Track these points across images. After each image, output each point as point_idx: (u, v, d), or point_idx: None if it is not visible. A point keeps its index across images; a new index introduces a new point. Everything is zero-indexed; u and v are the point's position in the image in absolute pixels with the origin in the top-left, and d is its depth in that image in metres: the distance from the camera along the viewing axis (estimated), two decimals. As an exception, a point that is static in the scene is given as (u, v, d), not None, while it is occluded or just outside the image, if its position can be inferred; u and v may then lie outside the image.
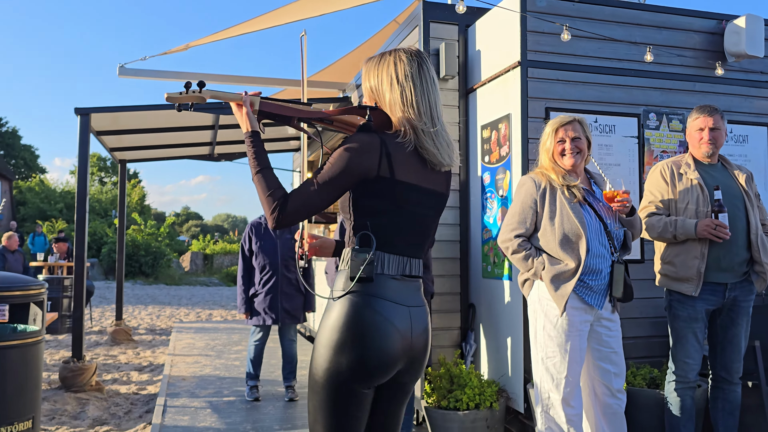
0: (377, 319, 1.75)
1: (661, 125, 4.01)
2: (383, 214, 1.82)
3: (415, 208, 1.85)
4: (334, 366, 1.74)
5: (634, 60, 3.98)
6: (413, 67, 1.88)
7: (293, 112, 1.91)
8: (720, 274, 3.11)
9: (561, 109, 3.73)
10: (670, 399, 3.17)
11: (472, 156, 4.37)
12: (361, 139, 1.78)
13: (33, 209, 28.98)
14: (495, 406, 3.60)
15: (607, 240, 2.88)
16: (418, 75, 1.89)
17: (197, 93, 1.85)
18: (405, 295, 1.84)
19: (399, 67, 1.87)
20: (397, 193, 1.80)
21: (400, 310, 1.80)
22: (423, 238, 1.93)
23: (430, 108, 1.86)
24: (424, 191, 1.87)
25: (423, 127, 1.82)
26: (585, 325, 2.87)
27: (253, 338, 4.99)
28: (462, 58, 4.43)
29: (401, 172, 1.80)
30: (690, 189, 3.17)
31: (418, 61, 1.91)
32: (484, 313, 4.16)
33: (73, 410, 5.05)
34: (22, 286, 3.12)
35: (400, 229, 1.84)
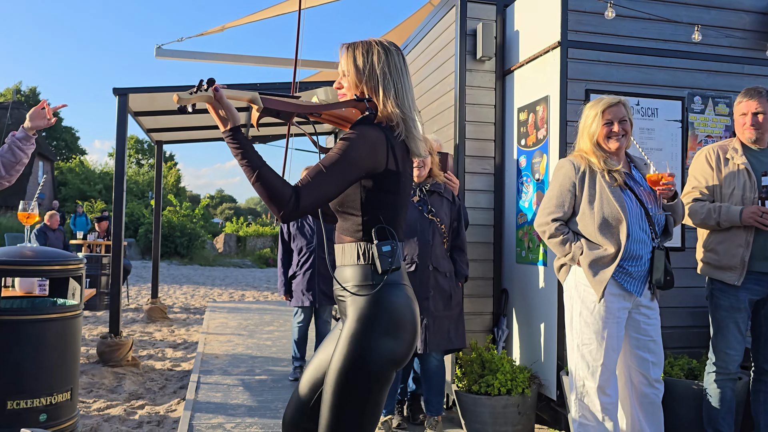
0: (410, 304, 1.83)
1: (707, 109, 3.87)
2: (394, 207, 1.86)
3: (406, 196, 1.92)
4: (384, 355, 1.74)
5: (680, 41, 3.84)
6: (400, 60, 1.92)
7: (293, 107, 1.85)
8: (765, 263, 3.00)
9: (602, 91, 3.61)
10: (709, 391, 3.09)
11: (507, 139, 4.30)
12: (370, 133, 1.78)
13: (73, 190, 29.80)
14: (527, 392, 3.56)
15: (647, 225, 2.80)
16: (403, 67, 1.93)
17: (206, 92, 1.69)
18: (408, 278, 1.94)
19: (390, 61, 1.88)
20: (402, 185, 1.87)
21: (411, 291, 1.90)
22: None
23: (412, 101, 1.93)
24: (411, 180, 1.96)
25: (409, 120, 1.87)
26: (623, 312, 2.80)
27: (296, 320, 5.06)
28: (500, 38, 4.34)
29: (402, 165, 1.86)
30: (736, 174, 3.06)
31: (402, 54, 1.95)
32: (517, 298, 4.11)
33: (110, 384, 5.18)
34: (61, 261, 3.18)
35: (401, 218, 1.91)
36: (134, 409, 4.44)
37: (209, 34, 6.35)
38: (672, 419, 3.11)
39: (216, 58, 6.34)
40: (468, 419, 3.69)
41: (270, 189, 1.64)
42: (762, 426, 3.13)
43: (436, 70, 4.79)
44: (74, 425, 3.20)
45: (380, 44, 1.91)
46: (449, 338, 3.53)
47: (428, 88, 4.99)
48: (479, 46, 4.23)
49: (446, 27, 4.57)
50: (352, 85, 1.89)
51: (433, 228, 3.55)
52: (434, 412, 3.59)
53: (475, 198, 4.28)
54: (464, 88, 4.27)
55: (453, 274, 3.62)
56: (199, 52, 6.43)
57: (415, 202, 3.57)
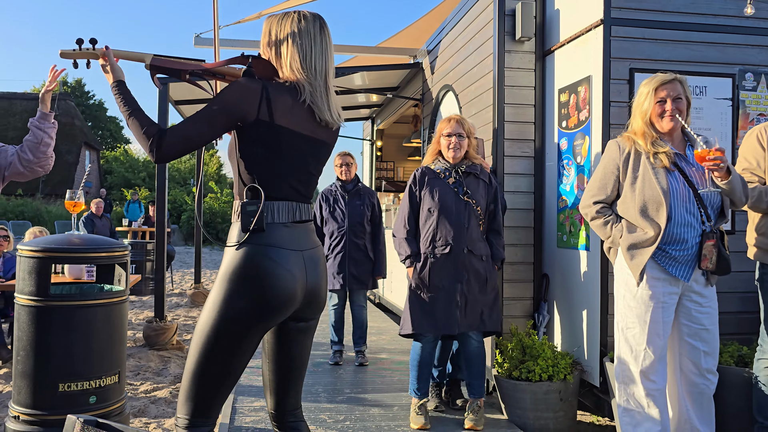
0: (270, 265, 1.82)
1: (759, 86, 3.71)
2: (267, 161, 1.88)
3: (295, 153, 1.91)
4: (232, 314, 1.80)
5: (730, 15, 3.68)
6: (315, 28, 1.97)
7: (181, 66, 2.00)
8: (822, 246, 2.88)
9: (647, 70, 3.50)
10: (760, 378, 2.99)
11: (548, 121, 4.21)
12: (242, 83, 1.84)
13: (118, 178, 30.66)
14: (569, 379, 3.52)
15: (697, 208, 2.71)
16: (319, 35, 1.98)
17: (91, 50, 2.00)
18: (297, 240, 1.92)
19: (302, 25, 1.95)
20: (277, 137, 1.86)
21: (292, 255, 1.88)
22: (308, 185, 2.00)
23: (326, 69, 1.97)
24: (306, 139, 1.93)
25: (317, 84, 1.92)
26: (671, 297, 2.73)
27: (331, 303, 5.11)
28: (539, 18, 4.24)
29: (282, 118, 1.85)
30: (791, 154, 2.93)
31: (320, 22, 2.00)
32: (558, 283, 4.05)
33: (156, 367, 5.32)
34: (108, 248, 3.23)
35: (285, 176, 1.91)
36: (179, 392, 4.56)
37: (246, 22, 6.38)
38: (721, 407, 3.03)
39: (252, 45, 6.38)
40: (508, 405, 3.67)
41: (138, 129, 1.82)
42: (817, 415, 3.02)
43: (474, 53, 4.71)
44: (122, 407, 3.27)
45: (297, 13, 1.98)
46: (482, 321, 3.50)
47: (466, 71, 4.92)
48: (518, 27, 4.14)
49: (484, 8, 4.49)
50: (263, 50, 2.00)
51: (468, 210, 3.51)
52: (476, 395, 3.58)
53: (514, 182, 4.22)
54: (503, 70, 4.20)
55: (489, 258, 3.58)
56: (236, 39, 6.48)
57: (451, 183, 3.54)
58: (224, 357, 1.84)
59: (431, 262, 3.50)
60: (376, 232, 5.08)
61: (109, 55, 1.97)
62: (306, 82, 1.91)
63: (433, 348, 3.59)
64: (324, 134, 2.00)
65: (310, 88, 1.92)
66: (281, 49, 1.95)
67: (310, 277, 1.94)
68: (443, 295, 3.46)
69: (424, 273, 3.50)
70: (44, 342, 3.00)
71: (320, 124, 1.97)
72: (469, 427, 3.49)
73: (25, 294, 3.03)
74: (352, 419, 3.69)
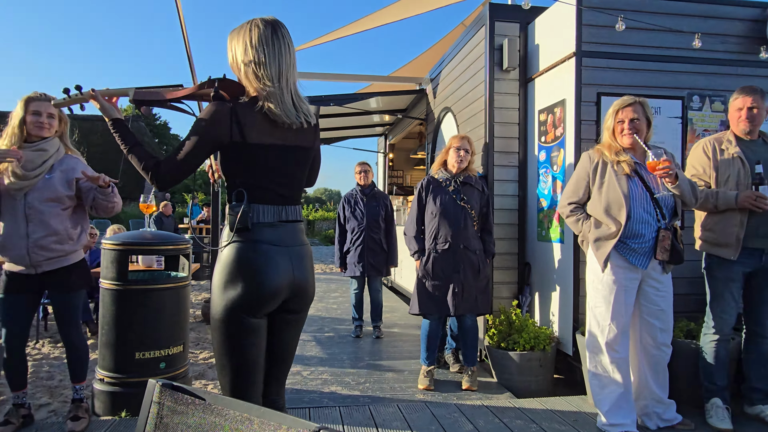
0: (256, 258, 1.68)
1: (704, 106, 3.67)
2: (247, 173, 1.71)
3: (275, 163, 1.72)
4: (226, 302, 1.67)
5: (681, 48, 3.65)
6: (267, 32, 1.69)
7: (160, 96, 1.80)
8: (758, 240, 2.87)
9: (612, 94, 3.49)
10: (705, 349, 2.98)
11: (530, 136, 4.20)
12: (212, 111, 1.66)
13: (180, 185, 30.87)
14: (547, 349, 3.53)
15: (653, 208, 2.71)
16: (270, 39, 1.69)
17: (79, 95, 1.83)
18: (283, 237, 1.74)
19: (253, 34, 1.68)
20: (252, 154, 1.69)
21: (278, 250, 1.72)
22: (292, 188, 1.79)
23: (279, 70, 1.69)
24: (280, 148, 1.72)
25: (270, 89, 1.67)
26: (632, 282, 2.74)
27: (352, 288, 5.14)
28: (522, 51, 4.23)
29: (254, 135, 1.67)
30: (731, 162, 2.92)
31: (273, 25, 1.71)
32: (537, 270, 4.05)
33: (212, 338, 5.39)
34: (173, 242, 3.28)
35: (267, 183, 1.73)
36: (231, 358, 4.62)
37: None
38: (674, 373, 3.02)
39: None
40: (497, 370, 3.69)
41: (137, 163, 1.69)
42: (752, 378, 3.01)
43: (469, 80, 4.72)
44: (186, 371, 3.32)
45: (250, 23, 1.71)
46: (476, 304, 3.52)
47: (462, 95, 4.92)
48: (505, 59, 4.14)
49: (477, 43, 4.49)
50: (231, 68, 1.77)
51: (464, 213, 3.53)
52: (470, 363, 3.60)
53: (502, 187, 4.22)
54: (493, 95, 4.20)
55: (482, 252, 3.60)
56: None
57: (451, 191, 3.56)
58: (231, 342, 1.69)
59: (434, 256, 3.52)
60: (389, 228, 5.11)
61: (97, 97, 1.79)
62: (262, 92, 1.67)
63: (438, 324, 3.62)
64: (296, 138, 1.76)
65: (265, 96, 1.67)
66: (240, 64, 1.70)
67: (296, 271, 1.75)
68: (444, 283, 3.49)
69: (428, 265, 3.53)
70: (123, 318, 3.05)
71: (291, 128, 1.73)
72: (465, 387, 3.52)
73: (108, 279, 3.09)
74: (370, 381, 3.72)
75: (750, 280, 2.97)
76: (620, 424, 2.74)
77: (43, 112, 2.72)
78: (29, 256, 2.67)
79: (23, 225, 2.67)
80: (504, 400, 3.33)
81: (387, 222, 5.09)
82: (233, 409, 1.03)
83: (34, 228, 2.68)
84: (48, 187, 2.72)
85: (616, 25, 3.47)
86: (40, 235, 2.68)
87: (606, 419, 2.77)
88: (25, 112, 2.70)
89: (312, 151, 1.84)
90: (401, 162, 10.39)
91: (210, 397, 1.07)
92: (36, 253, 2.68)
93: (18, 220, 2.67)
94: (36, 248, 2.68)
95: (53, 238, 2.72)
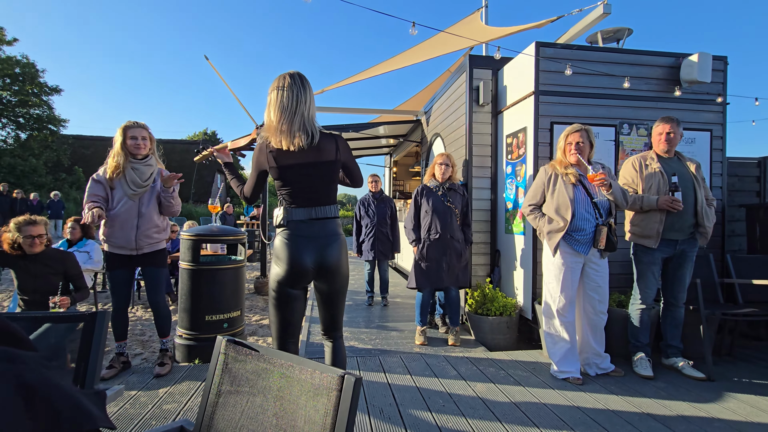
0: (290, 246, 1.75)
1: (632, 132, 3.63)
2: (284, 187, 1.77)
3: (299, 178, 1.75)
4: (273, 277, 1.79)
5: (614, 87, 3.61)
6: (282, 82, 1.72)
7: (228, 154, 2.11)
8: (673, 233, 2.83)
9: (562, 123, 3.46)
10: (633, 315, 2.96)
11: (500, 155, 4.18)
12: (256, 147, 1.81)
13: (237, 190, 30.96)
14: (513, 315, 3.51)
15: (593, 208, 2.69)
16: (284, 86, 1.70)
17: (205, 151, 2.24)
18: (314, 230, 1.76)
19: (274, 87, 1.73)
20: (284, 173, 1.75)
21: (309, 240, 1.75)
22: (318, 193, 1.78)
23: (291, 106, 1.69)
24: (301, 166, 1.73)
25: (281, 125, 1.69)
26: (576, 264, 2.72)
27: (366, 269, 5.13)
28: (494, 91, 4.20)
29: (282, 160, 1.73)
30: (653, 175, 2.89)
31: (291, 77, 1.72)
32: (505, 255, 4.02)
33: (262, 306, 5.40)
34: (233, 234, 3.29)
35: (299, 192, 1.77)
36: (275, 320, 4.62)
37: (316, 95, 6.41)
38: (609, 334, 3.00)
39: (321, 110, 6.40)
40: (475, 330, 3.67)
41: (236, 186, 1.92)
42: (668, 337, 2.99)
43: (454, 112, 4.70)
44: (243, 330, 3.32)
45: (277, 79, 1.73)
46: (458, 279, 3.51)
47: (449, 124, 4.90)
48: (481, 96, 4.11)
49: (459, 85, 4.47)
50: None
51: (450, 212, 3.51)
52: (454, 324, 3.59)
53: (479, 192, 4.20)
54: (472, 124, 4.18)
55: (464, 241, 3.58)
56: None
57: (439, 195, 3.54)
58: (277, 304, 1.79)
59: (427, 244, 3.51)
60: (394, 224, 5.10)
61: (215, 152, 2.09)
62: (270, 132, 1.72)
63: (429, 295, 3.60)
64: (313, 155, 1.74)
65: (272, 135, 1.71)
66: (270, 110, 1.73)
67: (322, 257, 1.76)
68: (434, 264, 3.47)
69: (423, 250, 3.52)
70: (196, 290, 3.07)
71: (305, 149, 1.72)
72: (451, 343, 3.50)
73: (185, 261, 3.11)
74: (380, 338, 3.72)
75: (667, 263, 2.94)
76: (568, 371, 2.73)
77: (138, 136, 2.74)
78: (136, 242, 2.71)
79: (135, 220, 2.70)
80: (480, 352, 3.32)
81: (392, 219, 5.09)
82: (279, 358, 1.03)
83: (143, 222, 2.72)
84: (153, 191, 2.76)
85: (565, 71, 3.44)
86: (146, 227, 2.73)
87: (557, 367, 2.76)
88: (124, 137, 2.73)
89: (337, 163, 1.81)
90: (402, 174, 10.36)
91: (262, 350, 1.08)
92: (141, 239, 2.72)
93: (132, 217, 2.70)
94: (143, 236, 2.72)
95: (154, 229, 2.77)
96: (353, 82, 6.33)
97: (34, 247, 2.73)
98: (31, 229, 2.73)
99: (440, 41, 5.74)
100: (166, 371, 2.78)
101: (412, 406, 2.34)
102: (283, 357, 1.03)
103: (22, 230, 2.72)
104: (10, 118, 19.59)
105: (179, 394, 2.47)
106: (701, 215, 2.79)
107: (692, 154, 3.68)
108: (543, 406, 2.36)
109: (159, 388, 2.54)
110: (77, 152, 22.00)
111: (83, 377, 1.22)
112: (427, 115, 6.03)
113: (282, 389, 0.98)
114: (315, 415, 0.91)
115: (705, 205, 2.82)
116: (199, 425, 1.07)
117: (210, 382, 1.10)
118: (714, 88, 3.73)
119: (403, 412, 2.27)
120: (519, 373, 2.85)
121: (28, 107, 19.82)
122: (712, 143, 3.73)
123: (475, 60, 4.20)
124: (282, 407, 0.97)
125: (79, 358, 1.25)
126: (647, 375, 2.79)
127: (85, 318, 1.29)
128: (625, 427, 2.15)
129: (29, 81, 19.61)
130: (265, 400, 1.00)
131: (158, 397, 2.43)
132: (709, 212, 2.82)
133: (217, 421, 1.05)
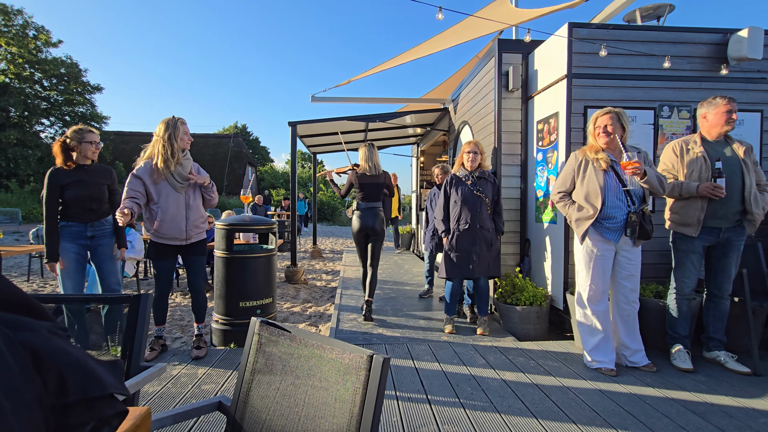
0: (357, 219, 3.70)
1: (672, 115, 3.45)
2: (362, 192, 3.65)
3: (365, 189, 3.67)
4: (352, 232, 3.51)
5: (652, 68, 3.42)
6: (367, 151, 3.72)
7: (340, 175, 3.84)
8: (716, 221, 2.69)
9: (596, 106, 3.33)
10: (670, 306, 2.85)
11: (530, 142, 4.07)
12: (351, 173, 3.62)
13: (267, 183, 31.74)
14: (543, 304, 3.45)
15: (624, 196, 2.59)
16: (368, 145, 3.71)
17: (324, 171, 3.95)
18: (368, 213, 3.68)
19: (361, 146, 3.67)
20: (362, 186, 3.65)
21: (365, 215, 3.68)
22: (374, 196, 3.70)
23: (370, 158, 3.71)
24: (368, 184, 3.66)
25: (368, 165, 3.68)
26: (608, 252, 2.64)
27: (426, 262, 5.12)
28: (524, 75, 4.09)
29: (363, 180, 3.63)
30: (695, 160, 2.74)
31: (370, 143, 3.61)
32: (535, 244, 3.95)
33: (292, 294, 5.55)
34: (264, 224, 3.37)
35: (364, 195, 3.68)
36: (306, 309, 4.72)
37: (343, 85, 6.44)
38: (645, 325, 2.90)
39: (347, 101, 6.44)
40: (504, 320, 3.64)
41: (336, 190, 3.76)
42: (710, 330, 2.85)
43: (482, 99, 4.60)
44: (275, 316, 3.42)
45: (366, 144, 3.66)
46: (489, 269, 3.47)
47: (477, 111, 4.82)
48: (511, 82, 4.01)
49: (488, 70, 4.37)
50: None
51: (480, 201, 3.47)
52: (483, 314, 3.57)
53: (508, 181, 4.13)
54: (501, 110, 4.09)
55: (494, 230, 3.53)
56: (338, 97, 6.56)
57: (469, 184, 3.50)
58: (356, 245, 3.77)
59: (457, 234, 3.48)
60: None
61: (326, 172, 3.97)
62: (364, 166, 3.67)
63: (459, 285, 3.59)
64: (374, 179, 3.68)
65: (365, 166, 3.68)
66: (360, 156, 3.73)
67: (371, 224, 3.67)
68: (464, 254, 3.45)
69: (453, 240, 3.50)
70: (230, 277, 3.16)
71: (371, 176, 3.67)
72: (479, 332, 3.49)
73: (220, 250, 3.21)
74: (408, 327, 3.74)
75: (710, 252, 2.80)
76: (601, 361, 2.67)
77: (187, 131, 2.85)
78: (186, 232, 2.85)
79: (184, 211, 2.84)
80: (509, 342, 3.29)
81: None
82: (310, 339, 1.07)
83: (191, 213, 2.86)
84: (195, 185, 2.89)
85: (600, 51, 3.30)
86: (195, 217, 2.88)
87: (591, 358, 2.70)
88: (180, 131, 2.80)
89: (384, 184, 3.73)
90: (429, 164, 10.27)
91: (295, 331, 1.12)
92: (191, 230, 2.87)
93: (180, 209, 2.84)
94: (192, 227, 2.87)
95: (201, 219, 2.92)
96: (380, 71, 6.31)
97: (93, 155, 2.77)
98: (92, 135, 2.80)
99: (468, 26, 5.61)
100: (203, 354, 2.91)
101: (440, 393, 2.36)
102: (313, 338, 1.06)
103: (84, 136, 2.74)
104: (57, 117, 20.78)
105: (216, 375, 2.60)
106: (749, 202, 2.63)
107: (741, 137, 3.46)
108: (575, 397, 2.32)
109: (198, 370, 2.68)
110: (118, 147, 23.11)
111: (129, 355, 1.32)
112: (454, 103, 5.93)
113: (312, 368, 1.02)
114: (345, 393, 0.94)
115: (755, 191, 2.65)
116: (236, 401, 1.13)
117: (245, 360, 1.16)
118: (765, 65, 3.48)
119: (432, 399, 2.29)
120: (549, 363, 2.81)
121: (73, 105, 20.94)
122: (762, 124, 3.49)
123: (504, 44, 4.09)
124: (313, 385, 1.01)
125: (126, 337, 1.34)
126: (686, 368, 2.68)
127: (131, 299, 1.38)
128: (662, 420, 2.08)
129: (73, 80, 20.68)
130: (296, 378, 1.04)
131: (197, 377, 2.56)
132: (759, 198, 2.65)
133: (252, 397, 1.11)
